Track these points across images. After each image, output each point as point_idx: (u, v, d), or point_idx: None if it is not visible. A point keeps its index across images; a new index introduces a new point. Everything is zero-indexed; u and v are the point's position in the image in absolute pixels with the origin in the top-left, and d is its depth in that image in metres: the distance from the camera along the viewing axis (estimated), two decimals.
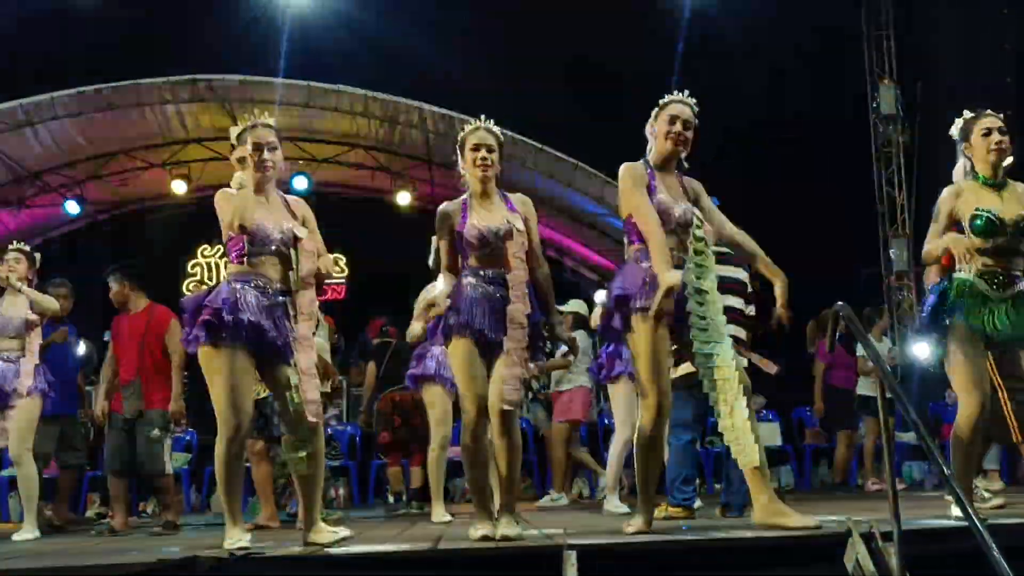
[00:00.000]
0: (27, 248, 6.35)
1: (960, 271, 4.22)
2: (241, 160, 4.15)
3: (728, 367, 4.00)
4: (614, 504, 6.50)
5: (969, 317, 4.12)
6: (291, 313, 4.08)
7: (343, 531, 4.23)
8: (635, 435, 4.17)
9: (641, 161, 4.25)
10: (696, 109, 4.25)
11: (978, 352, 4.13)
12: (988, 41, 11.84)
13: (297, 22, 12.02)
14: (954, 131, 4.46)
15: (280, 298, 4.05)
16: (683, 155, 4.25)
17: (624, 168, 4.19)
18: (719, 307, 4.08)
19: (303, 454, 4.06)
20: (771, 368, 5.30)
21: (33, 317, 6.07)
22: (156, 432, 6.37)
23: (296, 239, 4.08)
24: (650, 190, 4.12)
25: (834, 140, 12.80)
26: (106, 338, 7.56)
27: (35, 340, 6.09)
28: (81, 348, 8.05)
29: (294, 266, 4.04)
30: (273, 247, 4.06)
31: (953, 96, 10.66)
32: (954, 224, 4.30)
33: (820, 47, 12.45)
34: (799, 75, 11.85)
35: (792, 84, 11.64)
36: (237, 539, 3.90)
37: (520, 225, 4.16)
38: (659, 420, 4.08)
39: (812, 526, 3.73)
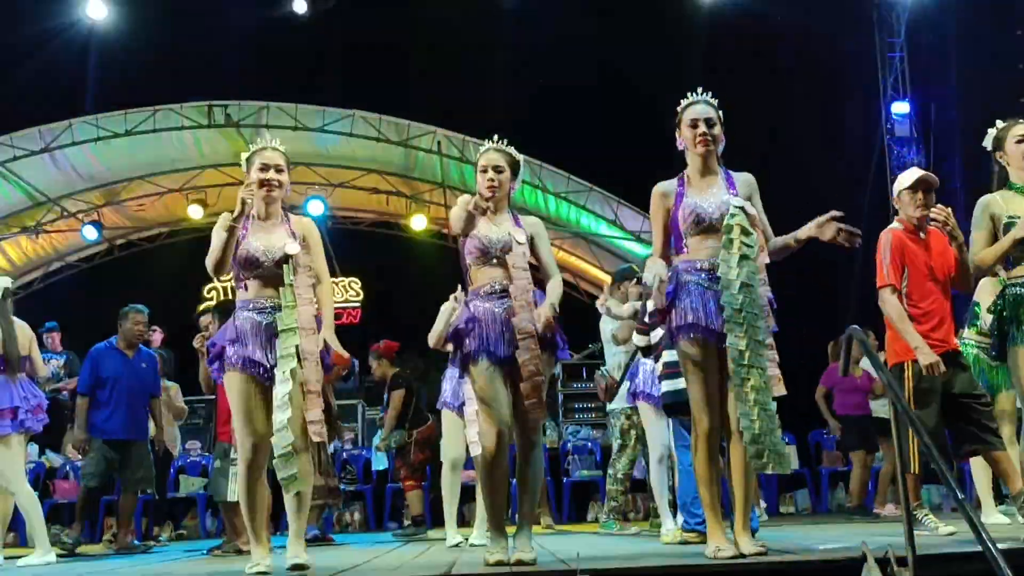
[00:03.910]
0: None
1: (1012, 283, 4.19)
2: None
3: (754, 367, 3.82)
4: (672, 534, 5.59)
5: None
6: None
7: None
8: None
9: (676, 177, 4.12)
10: (715, 102, 4.10)
11: None
12: (1001, 62, 11.82)
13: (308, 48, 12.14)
14: (987, 142, 4.48)
15: (275, 316, 4.04)
16: (719, 151, 4.08)
17: (653, 190, 4.10)
18: (753, 299, 3.86)
19: (293, 472, 3.89)
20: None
21: None
22: (218, 462, 6.55)
23: (287, 257, 4.07)
24: (678, 199, 4.03)
25: (848, 160, 12.79)
26: None
27: None
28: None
29: (285, 282, 4.03)
30: (263, 269, 4.08)
31: (966, 117, 10.64)
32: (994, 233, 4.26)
33: (834, 67, 12.45)
34: (813, 94, 11.85)
35: (804, 103, 11.62)
36: (256, 562, 3.92)
37: (521, 238, 4.14)
38: (708, 438, 3.93)
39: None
